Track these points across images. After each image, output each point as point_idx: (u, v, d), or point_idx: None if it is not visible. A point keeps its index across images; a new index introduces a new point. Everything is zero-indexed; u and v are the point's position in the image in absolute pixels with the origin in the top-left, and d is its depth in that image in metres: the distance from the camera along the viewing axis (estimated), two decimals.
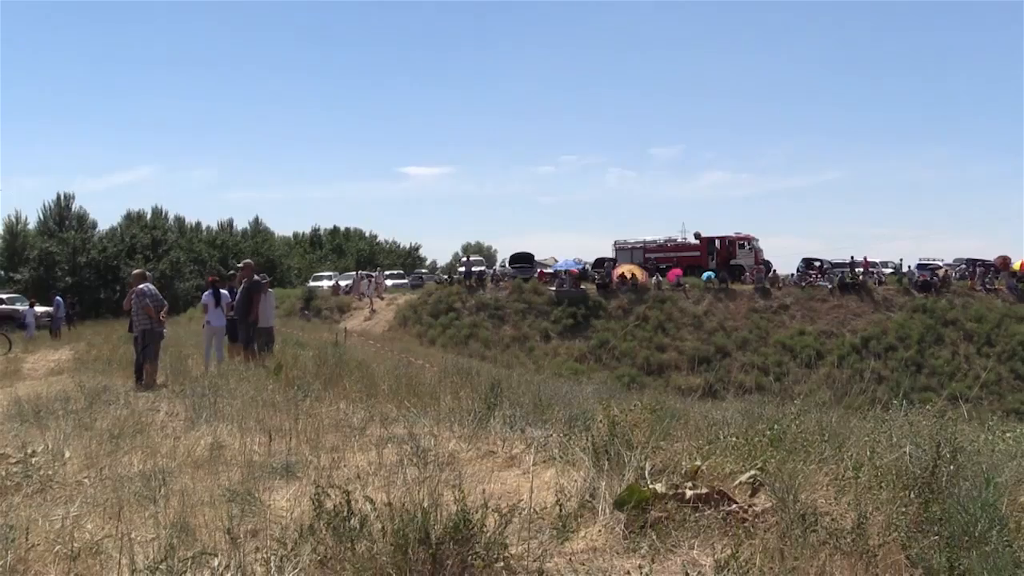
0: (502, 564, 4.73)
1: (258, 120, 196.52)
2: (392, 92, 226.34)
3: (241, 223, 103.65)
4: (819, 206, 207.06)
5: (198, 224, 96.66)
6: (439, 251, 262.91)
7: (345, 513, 4.76)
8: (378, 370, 15.80)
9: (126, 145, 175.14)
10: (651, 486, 5.83)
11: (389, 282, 61.79)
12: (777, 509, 5.45)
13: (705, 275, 54.14)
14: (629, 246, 61.27)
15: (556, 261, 61.29)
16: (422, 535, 4.63)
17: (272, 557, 4.65)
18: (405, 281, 68.36)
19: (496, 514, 4.88)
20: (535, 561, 4.90)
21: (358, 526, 4.73)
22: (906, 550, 4.83)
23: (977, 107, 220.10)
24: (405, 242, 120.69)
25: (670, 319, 49.18)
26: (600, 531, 5.53)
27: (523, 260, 61.33)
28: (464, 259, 67.20)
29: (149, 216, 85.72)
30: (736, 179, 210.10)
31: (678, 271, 54.40)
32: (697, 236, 61.80)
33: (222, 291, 19.93)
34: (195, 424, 10.37)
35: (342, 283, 59.59)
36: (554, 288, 51.68)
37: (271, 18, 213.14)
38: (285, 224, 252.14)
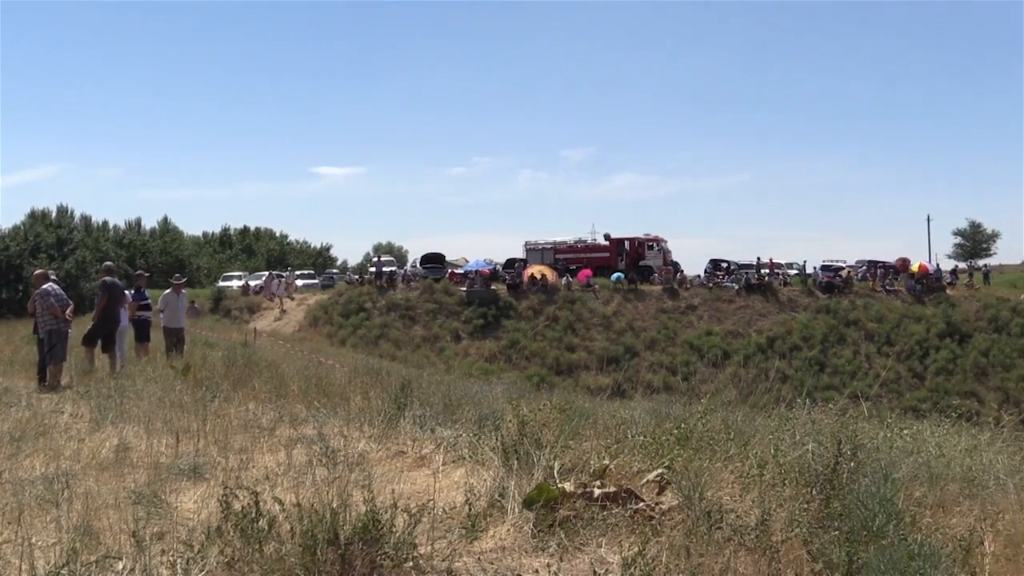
0: (411, 564, 4.73)
1: (167, 118, 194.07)
2: (304, 91, 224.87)
3: (149, 222, 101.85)
4: (727, 208, 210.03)
5: (105, 223, 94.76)
6: (350, 251, 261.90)
7: (253, 514, 4.71)
8: (288, 370, 15.65)
9: (30, 143, 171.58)
10: (560, 485, 5.87)
11: (299, 282, 61.22)
12: (683, 507, 5.53)
13: (614, 276, 54.52)
14: (540, 247, 61.43)
15: (467, 262, 61.24)
16: (331, 536, 4.61)
17: (178, 560, 4.58)
18: (316, 281, 67.93)
19: (405, 514, 4.88)
20: (444, 561, 4.91)
21: (266, 527, 4.69)
22: (807, 545, 4.93)
23: (876, 112, 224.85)
24: (316, 242, 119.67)
25: (580, 319, 49.47)
26: (509, 530, 5.55)
27: (434, 260, 61.22)
28: (375, 259, 66.83)
29: (54, 215, 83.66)
30: (646, 181, 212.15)
31: (588, 272, 54.68)
32: (607, 237, 62.24)
33: (127, 291, 19.64)
34: (100, 426, 10.14)
35: (252, 283, 58.82)
36: (465, 288, 51.65)
37: (182, 14, 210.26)
38: (194, 223, 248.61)
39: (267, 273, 62.07)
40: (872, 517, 4.99)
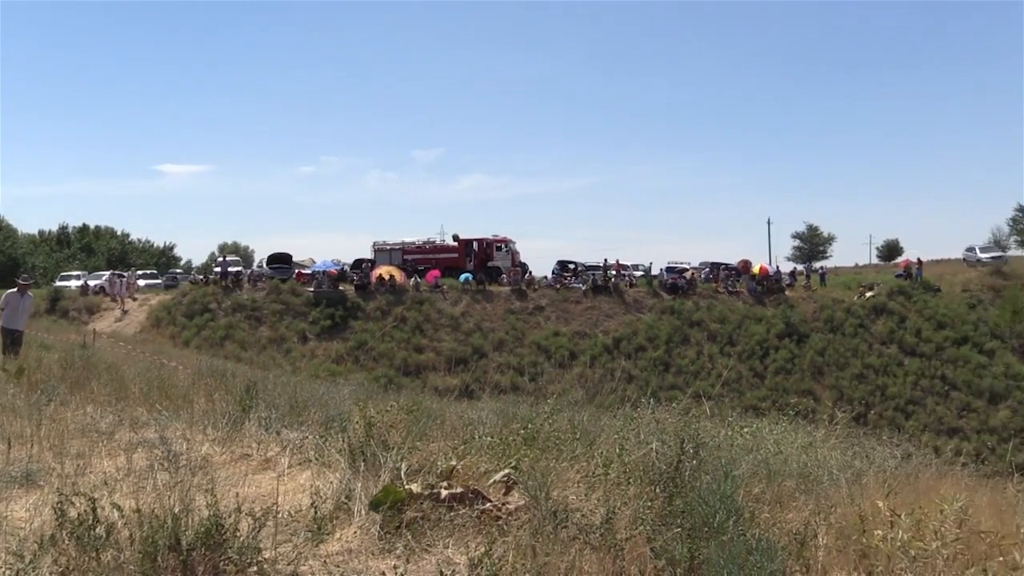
0: (255, 569, 4.66)
1: (1, 113, 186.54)
2: (147, 88, 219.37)
3: None
4: (575, 210, 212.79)
5: None
6: (195, 251, 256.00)
7: (90, 521, 4.57)
8: (128, 372, 15.21)
9: None
10: (407, 486, 5.86)
11: (142, 282, 59.78)
12: (530, 506, 5.57)
13: (463, 277, 54.63)
14: (388, 247, 61.18)
15: (314, 262, 60.69)
16: (172, 541, 4.51)
17: (8, 572, 4.42)
18: (159, 281, 66.73)
19: (250, 518, 4.81)
20: (289, 564, 4.85)
21: (104, 534, 4.56)
22: (651, 543, 5.02)
23: (720, 117, 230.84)
24: (159, 241, 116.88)
25: (428, 320, 49.42)
26: (356, 532, 5.52)
27: (281, 261, 60.48)
28: (220, 259, 65.51)
29: None
30: (495, 182, 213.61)
31: (436, 272, 54.64)
32: (455, 238, 62.36)
33: None
34: None
35: (91, 283, 57.04)
36: (312, 289, 51.09)
37: (24, 13, 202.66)
38: (30, 221, 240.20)
39: (108, 273, 60.39)
40: (713, 514, 5.10)
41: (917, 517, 5.55)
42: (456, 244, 61.73)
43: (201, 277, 60.30)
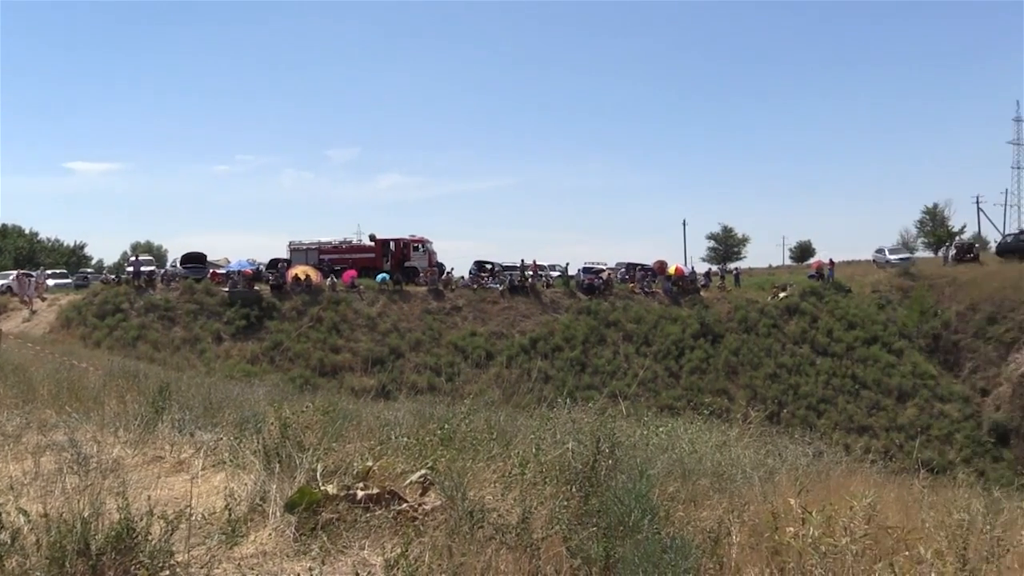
0: (167, 573, 4.61)
1: None
2: (57, 84, 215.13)
3: None
4: (492, 210, 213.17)
5: None
6: (106, 250, 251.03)
7: None
8: (37, 374, 14.90)
9: None
10: (323, 488, 5.82)
11: (51, 282, 58.61)
12: (446, 507, 5.57)
13: (380, 277, 54.28)
14: (304, 247, 60.64)
15: (229, 262, 59.91)
16: (81, 546, 4.43)
17: None
18: (69, 281, 65.33)
19: (162, 521, 4.74)
20: (203, 568, 4.80)
21: (9, 540, 4.47)
22: (567, 542, 5.05)
23: (637, 119, 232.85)
24: (69, 240, 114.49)
25: (344, 320, 49.07)
26: (270, 534, 5.47)
27: (195, 260, 59.52)
28: (133, 258, 64.36)
29: None
30: (412, 182, 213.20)
31: (353, 272, 54.25)
32: (372, 238, 62.05)
33: None
34: None
35: None
36: (227, 289, 50.42)
37: None
38: None
39: (15, 272, 59.05)
40: (628, 513, 5.14)
41: (828, 514, 5.66)
42: (373, 244, 61.38)
43: (113, 277, 59.21)
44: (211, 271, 56.14)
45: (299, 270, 53.51)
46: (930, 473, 9.71)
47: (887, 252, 72.30)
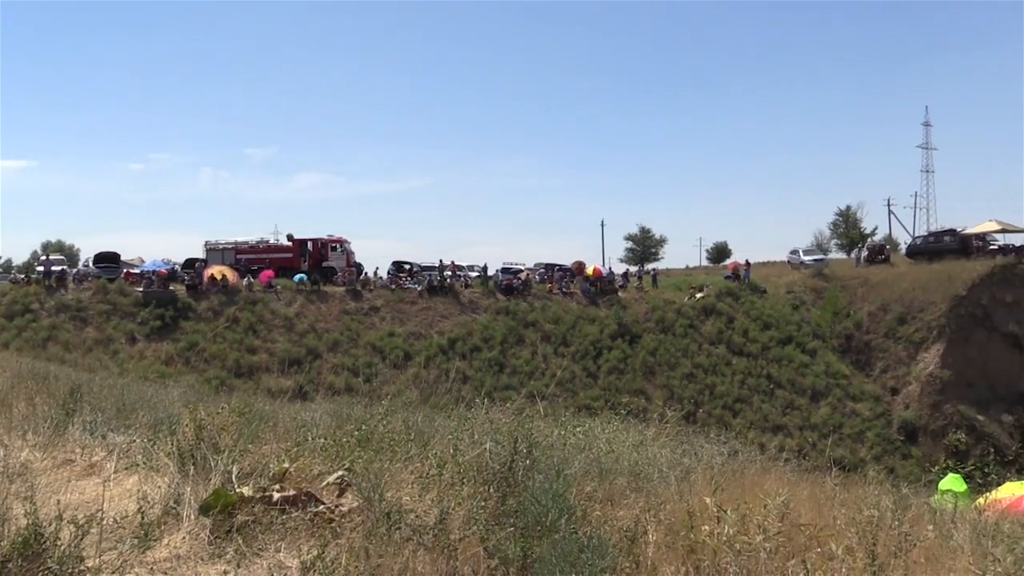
0: None
1: None
2: None
3: None
4: (411, 210, 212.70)
5: None
6: (15, 249, 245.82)
7: None
8: None
9: None
10: (238, 490, 5.77)
11: None
12: (363, 508, 5.54)
13: (297, 277, 53.90)
14: (220, 247, 59.98)
15: (143, 261, 59.15)
16: None
17: None
18: None
19: (72, 526, 4.66)
20: (114, 573, 4.73)
21: None
22: (484, 542, 5.05)
23: (554, 121, 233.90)
24: None
25: (261, 321, 48.59)
26: (185, 538, 5.40)
27: (108, 260, 58.58)
28: (43, 257, 63.12)
29: None
30: (330, 181, 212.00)
31: (270, 272, 53.76)
32: (289, 238, 61.57)
33: None
34: None
35: None
36: (141, 289, 49.66)
37: None
38: None
39: None
40: (545, 512, 5.16)
41: (742, 512, 5.73)
42: (290, 244, 60.89)
43: (23, 276, 58.02)
44: (125, 271, 55.28)
45: (215, 270, 52.88)
46: (842, 471, 9.90)
47: (801, 253, 73.63)
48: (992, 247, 62.88)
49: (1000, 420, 47.65)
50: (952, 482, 15.64)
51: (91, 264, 59.20)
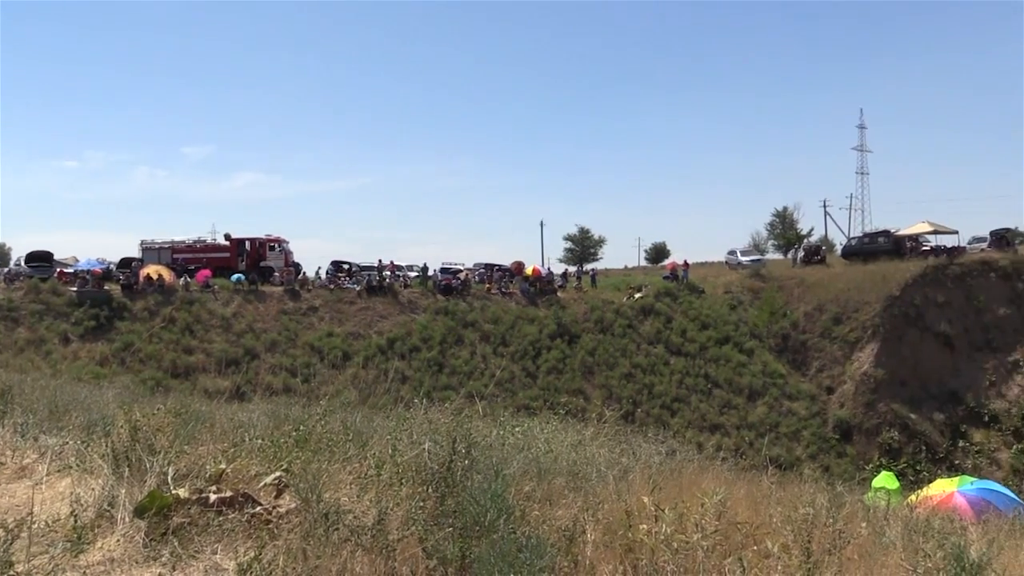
0: None
1: None
2: None
3: None
4: (350, 210, 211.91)
5: None
6: None
7: None
8: None
9: None
10: (174, 491, 5.71)
11: None
12: (301, 509, 5.51)
13: (235, 277, 53.46)
14: (156, 246, 59.31)
15: (77, 260, 58.41)
16: None
17: None
18: None
19: (1, 530, 4.58)
20: None
21: None
22: (423, 543, 5.05)
23: (493, 121, 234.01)
24: None
25: (198, 321, 48.13)
26: (119, 541, 5.33)
27: (40, 259, 57.72)
28: None
29: None
30: (268, 181, 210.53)
31: (207, 272, 53.29)
32: (227, 237, 61.05)
33: None
34: None
35: None
36: (75, 288, 48.98)
37: None
38: None
39: None
40: (484, 512, 5.17)
41: (680, 511, 5.78)
42: (228, 243, 60.39)
43: None
44: (58, 270, 54.51)
45: (151, 269, 52.30)
46: (778, 469, 10.02)
47: (739, 254, 74.43)
48: (924, 248, 64.15)
49: (931, 418, 48.50)
50: (885, 479, 15.89)
51: (23, 263, 58.33)
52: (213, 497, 5.69)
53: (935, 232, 66.84)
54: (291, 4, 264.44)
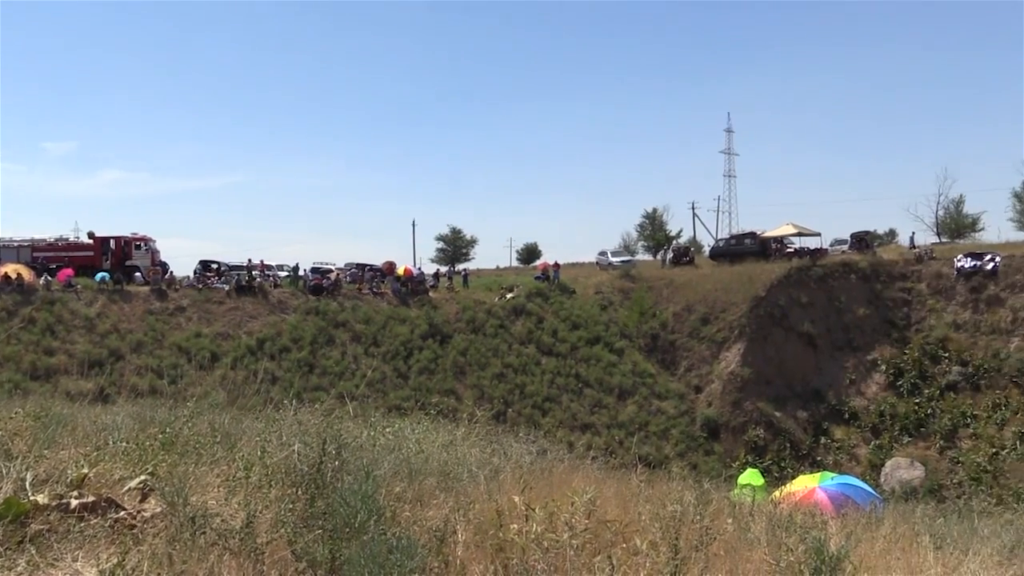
0: None
1: None
2: None
3: None
4: (218, 209, 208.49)
5: None
6: None
7: None
8: None
9: None
10: (32, 498, 5.55)
11: None
12: (167, 513, 5.41)
13: (99, 276, 52.12)
14: (15, 244, 57.54)
15: None
16: None
17: None
18: None
19: None
20: None
21: None
22: (292, 545, 5.00)
23: (365, 118, 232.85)
24: None
25: (60, 321, 46.79)
26: None
27: None
28: None
29: None
30: (134, 178, 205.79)
31: (69, 271, 51.81)
32: (91, 235, 59.44)
33: None
34: None
35: None
36: None
37: None
38: None
39: None
40: (354, 514, 5.14)
41: (550, 510, 5.83)
42: (91, 242, 58.78)
43: None
44: None
45: (9, 268, 50.65)
46: (648, 468, 10.19)
47: (609, 255, 75.44)
48: (789, 250, 65.89)
49: (795, 416, 49.83)
50: (751, 476, 16.30)
51: None
52: (74, 503, 5.54)
53: (799, 234, 68.66)
54: (150, 3, 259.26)
